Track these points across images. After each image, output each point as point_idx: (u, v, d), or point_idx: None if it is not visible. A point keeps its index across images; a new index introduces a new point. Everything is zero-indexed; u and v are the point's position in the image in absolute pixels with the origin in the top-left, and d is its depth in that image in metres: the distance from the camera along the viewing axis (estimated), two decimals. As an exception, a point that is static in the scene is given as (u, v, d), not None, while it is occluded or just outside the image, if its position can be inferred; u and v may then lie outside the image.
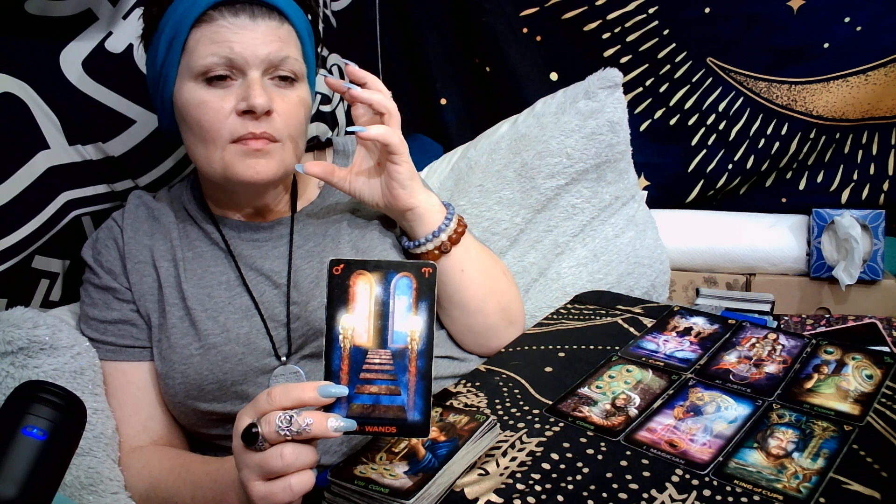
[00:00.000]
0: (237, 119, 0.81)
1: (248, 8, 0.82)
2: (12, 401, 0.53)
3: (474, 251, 0.94)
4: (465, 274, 0.92)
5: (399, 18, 1.67)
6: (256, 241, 0.92)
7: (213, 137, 0.82)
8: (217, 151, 0.82)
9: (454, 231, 0.91)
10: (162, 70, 0.84)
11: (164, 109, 0.87)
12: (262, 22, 0.82)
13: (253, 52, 0.81)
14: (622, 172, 1.31)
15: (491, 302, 0.95)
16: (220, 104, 0.81)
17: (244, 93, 0.81)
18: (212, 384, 0.85)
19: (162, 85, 0.85)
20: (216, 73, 0.81)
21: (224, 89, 0.82)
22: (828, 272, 1.49)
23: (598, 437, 0.74)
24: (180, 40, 0.82)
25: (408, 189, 0.88)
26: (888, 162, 1.53)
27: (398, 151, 0.85)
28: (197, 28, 0.81)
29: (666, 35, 1.58)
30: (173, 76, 0.83)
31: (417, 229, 0.90)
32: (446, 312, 0.96)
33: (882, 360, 0.84)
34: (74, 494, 0.78)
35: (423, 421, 0.63)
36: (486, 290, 0.94)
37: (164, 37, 0.82)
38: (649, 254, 1.32)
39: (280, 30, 0.83)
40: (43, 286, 0.98)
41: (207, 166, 0.84)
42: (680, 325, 0.97)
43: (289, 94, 0.85)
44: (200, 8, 0.81)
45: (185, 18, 0.81)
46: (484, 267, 0.95)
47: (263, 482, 0.61)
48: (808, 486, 0.65)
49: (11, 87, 0.91)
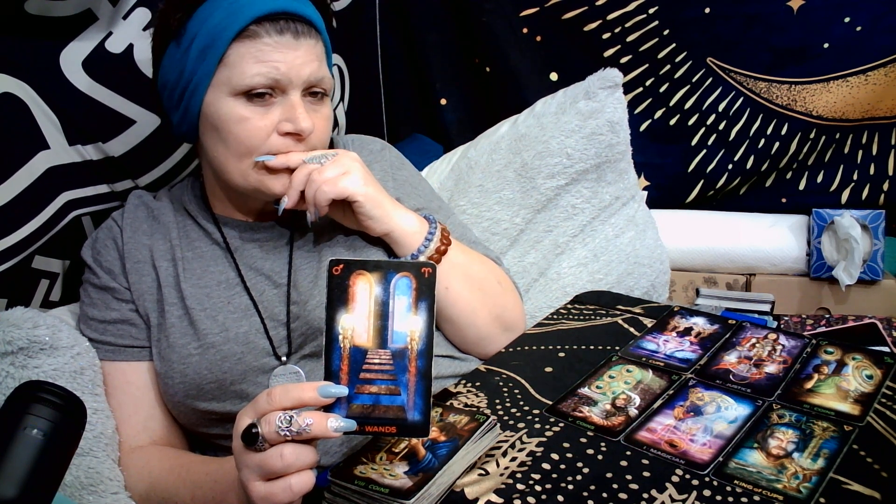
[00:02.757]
0: (278, 138, 0.82)
1: (292, 25, 0.81)
2: (12, 401, 0.53)
3: (462, 266, 0.92)
4: (449, 291, 0.91)
5: (399, 18, 1.68)
6: (257, 241, 0.92)
7: (250, 153, 0.82)
8: (251, 166, 0.83)
9: (435, 250, 0.90)
10: (192, 78, 0.82)
11: (186, 116, 0.85)
12: (304, 41, 0.82)
13: (297, 73, 0.81)
14: (622, 172, 1.31)
15: (482, 314, 0.94)
16: (262, 122, 0.82)
17: (289, 114, 0.82)
18: (211, 384, 0.85)
19: (190, 93, 0.83)
20: (259, 91, 0.81)
21: (265, 107, 0.82)
22: (828, 272, 1.49)
23: (599, 437, 0.74)
24: (218, 52, 0.80)
25: (375, 219, 0.87)
26: (888, 162, 1.53)
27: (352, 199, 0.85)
28: (239, 42, 0.80)
29: (666, 35, 1.58)
30: (205, 86, 0.82)
31: (398, 252, 0.90)
32: (437, 325, 0.95)
33: (882, 361, 0.84)
34: (74, 494, 0.78)
35: (423, 421, 0.63)
36: (475, 303, 0.93)
37: (195, 44, 0.81)
38: (649, 254, 1.32)
39: (317, 48, 0.84)
40: (43, 286, 0.98)
41: (239, 179, 0.84)
42: (680, 326, 0.97)
43: (320, 110, 0.86)
44: (242, 22, 0.79)
45: (225, 30, 0.80)
46: (473, 280, 0.93)
47: (263, 482, 0.61)
48: (808, 487, 0.65)
49: (11, 87, 0.91)
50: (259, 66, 0.80)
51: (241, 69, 0.80)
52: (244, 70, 0.80)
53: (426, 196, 1.02)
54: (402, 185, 1.00)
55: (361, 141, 1.04)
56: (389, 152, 1.04)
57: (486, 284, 0.95)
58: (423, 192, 1.03)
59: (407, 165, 1.05)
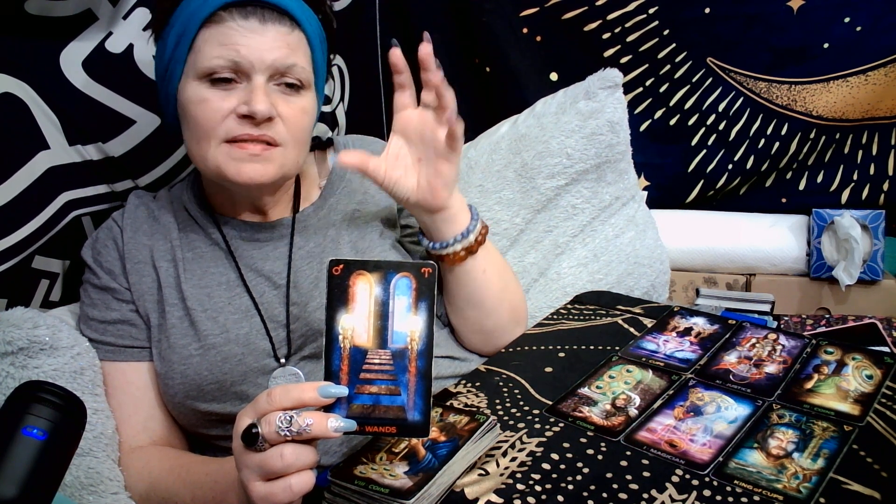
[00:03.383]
0: (235, 120, 0.81)
1: (259, 11, 0.81)
2: (12, 401, 0.53)
3: (493, 252, 0.95)
4: (486, 274, 0.92)
5: (399, 18, 1.67)
6: (257, 242, 0.92)
7: (207, 135, 0.82)
8: (210, 150, 0.82)
9: (480, 233, 0.91)
10: (169, 66, 0.84)
11: (167, 105, 0.87)
12: (272, 27, 0.82)
13: (259, 57, 0.81)
14: (622, 173, 1.31)
15: (505, 302, 0.96)
16: (220, 104, 0.81)
17: (247, 97, 0.81)
18: (211, 384, 0.85)
19: (168, 80, 0.85)
20: (221, 75, 0.81)
21: (226, 90, 0.81)
22: (828, 272, 1.49)
23: (599, 437, 0.74)
24: (188, 38, 0.82)
25: (450, 189, 0.87)
26: (888, 162, 1.53)
27: (459, 149, 0.85)
28: (206, 28, 0.81)
29: (666, 35, 1.58)
30: (179, 73, 0.83)
31: (445, 230, 0.89)
32: (460, 312, 0.96)
33: (882, 361, 0.84)
34: (74, 494, 0.78)
35: (423, 421, 0.63)
36: (502, 290, 0.95)
37: (173, 32, 0.82)
38: (649, 254, 1.32)
39: (290, 36, 0.83)
40: (43, 286, 0.98)
41: (202, 164, 0.84)
42: (680, 326, 0.97)
43: (293, 101, 0.84)
44: (210, 7, 0.80)
45: (195, 16, 0.81)
46: (501, 267, 0.96)
47: (263, 482, 0.61)
48: (808, 487, 0.65)
49: (11, 87, 0.91)
50: (219, 49, 0.80)
51: (205, 52, 0.81)
52: (206, 53, 0.81)
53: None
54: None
55: (363, 141, 1.04)
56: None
57: (510, 276, 0.98)
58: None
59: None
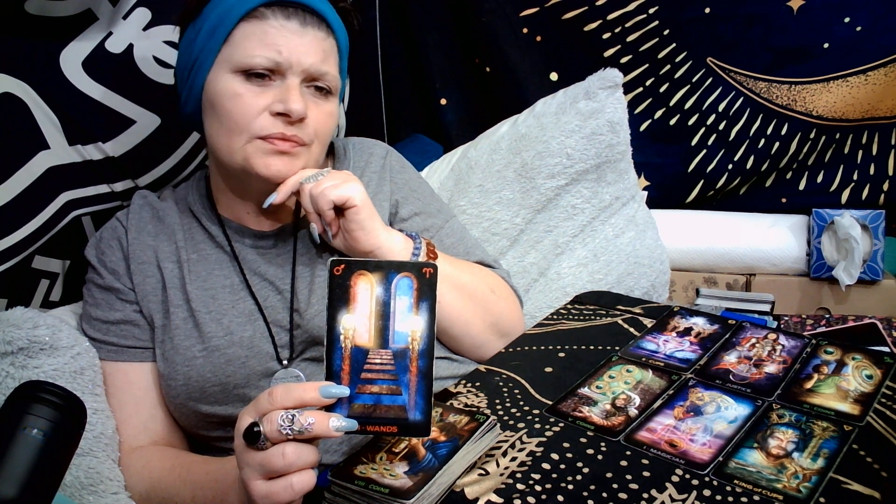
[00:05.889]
0: (269, 118, 0.83)
1: (300, 13, 0.83)
2: (12, 401, 0.53)
3: (450, 277, 0.91)
4: (440, 304, 0.89)
5: (399, 18, 1.68)
6: (260, 248, 0.92)
7: (239, 130, 0.83)
8: (240, 144, 0.83)
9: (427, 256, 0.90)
10: (199, 55, 0.84)
11: (191, 95, 0.87)
12: (311, 31, 0.84)
13: (298, 59, 0.82)
14: (622, 172, 1.31)
15: (476, 323, 0.94)
16: (255, 100, 0.82)
17: (282, 96, 0.82)
18: (214, 386, 0.85)
19: (195, 70, 0.85)
20: (257, 71, 0.82)
21: (261, 87, 0.83)
22: (828, 272, 1.49)
23: (598, 437, 0.74)
24: (225, 30, 0.82)
25: (367, 230, 0.86)
26: (888, 162, 1.53)
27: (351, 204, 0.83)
28: (246, 22, 0.82)
29: (666, 35, 1.58)
30: (209, 64, 0.84)
31: None
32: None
33: (882, 360, 0.84)
34: (74, 494, 0.78)
35: (423, 421, 0.63)
36: (468, 313, 0.93)
37: (207, 24, 0.83)
38: (649, 254, 1.32)
39: (325, 42, 0.85)
40: (43, 286, 0.98)
41: (228, 156, 0.85)
42: (680, 326, 0.97)
43: (322, 105, 0.86)
44: (253, 2, 0.82)
45: (234, 10, 0.82)
46: (463, 290, 0.93)
47: (265, 481, 0.61)
48: (808, 486, 0.65)
49: (11, 87, 0.91)
50: (260, 47, 0.81)
51: (244, 48, 0.82)
52: (246, 49, 0.82)
53: (426, 199, 1.02)
54: (402, 188, 0.99)
55: (362, 143, 1.03)
56: (390, 155, 1.03)
57: (478, 293, 0.95)
58: (422, 195, 1.02)
59: (408, 168, 1.05)
